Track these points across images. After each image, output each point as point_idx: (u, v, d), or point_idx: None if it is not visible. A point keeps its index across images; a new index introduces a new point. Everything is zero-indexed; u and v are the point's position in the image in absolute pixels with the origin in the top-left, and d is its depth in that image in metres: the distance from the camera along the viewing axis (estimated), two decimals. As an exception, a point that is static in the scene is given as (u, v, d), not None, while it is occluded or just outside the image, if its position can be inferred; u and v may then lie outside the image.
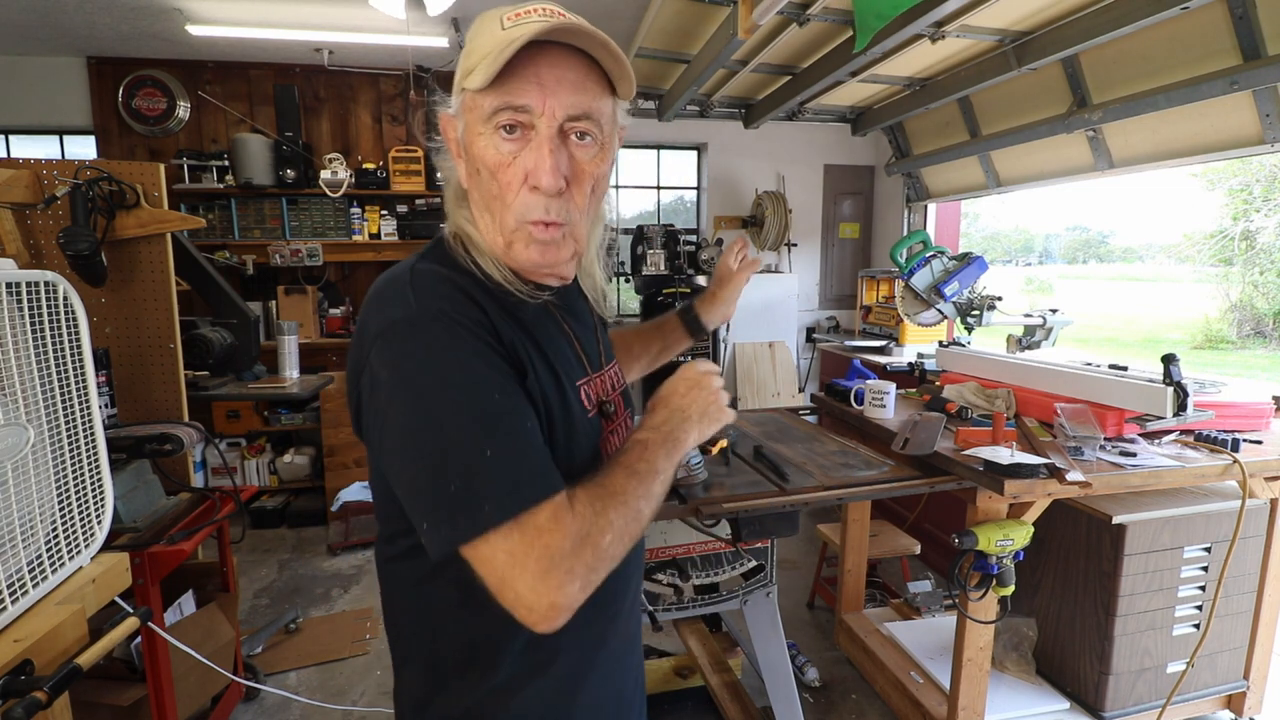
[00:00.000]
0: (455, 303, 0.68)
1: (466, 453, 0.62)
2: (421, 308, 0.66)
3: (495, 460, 0.62)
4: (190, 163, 4.24)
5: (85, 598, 1.26)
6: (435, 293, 0.68)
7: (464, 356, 0.65)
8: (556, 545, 0.61)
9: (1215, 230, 13.06)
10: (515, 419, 0.65)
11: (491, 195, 0.72)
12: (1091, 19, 2.65)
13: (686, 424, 0.78)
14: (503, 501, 0.61)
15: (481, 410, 0.64)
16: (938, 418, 2.09)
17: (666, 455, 0.74)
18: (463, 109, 0.72)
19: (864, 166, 5.31)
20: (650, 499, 0.70)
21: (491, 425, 0.63)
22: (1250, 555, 2.10)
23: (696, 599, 1.84)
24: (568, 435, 0.75)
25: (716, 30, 3.10)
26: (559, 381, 0.75)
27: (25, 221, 2.08)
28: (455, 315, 0.66)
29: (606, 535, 0.64)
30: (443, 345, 0.65)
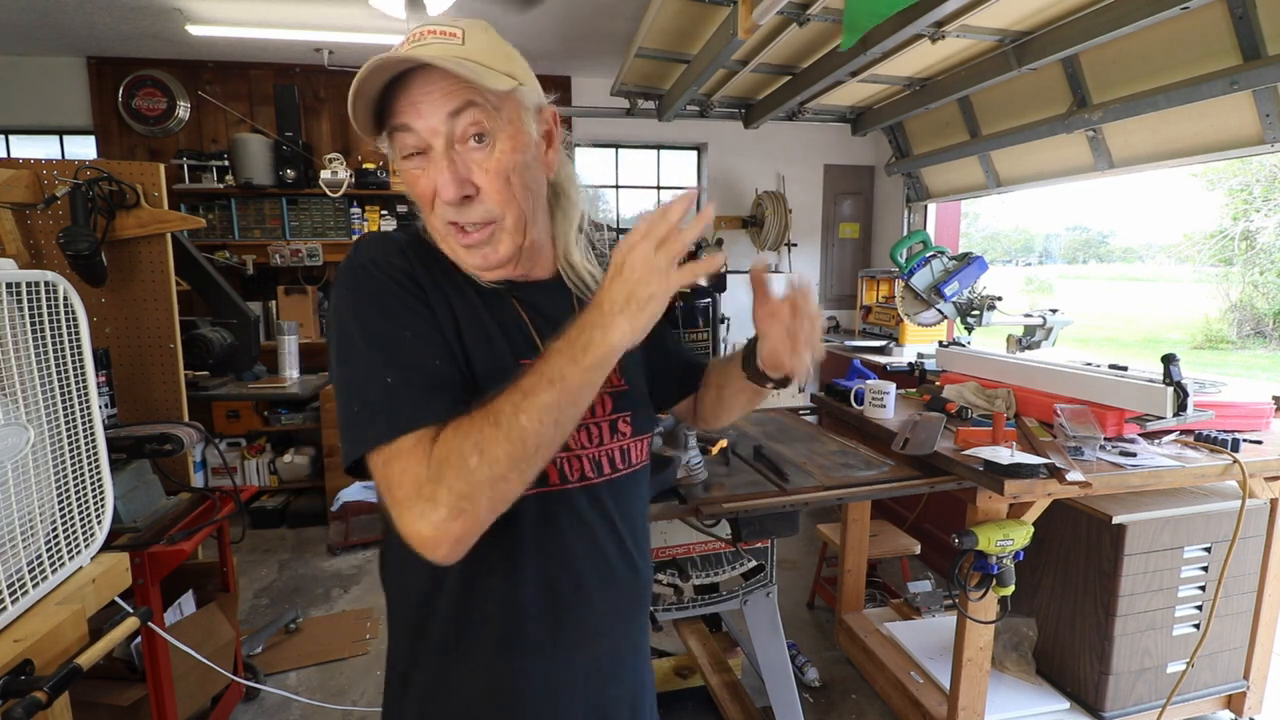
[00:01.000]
0: (385, 253, 0.75)
1: (369, 380, 0.69)
2: (354, 258, 0.75)
3: (395, 388, 0.68)
4: (190, 163, 4.24)
5: (85, 598, 1.26)
6: (372, 247, 0.77)
7: (378, 296, 0.72)
8: (414, 472, 0.64)
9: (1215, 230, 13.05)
10: (423, 353, 0.71)
11: (426, 213, 0.80)
12: (1091, 19, 2.65)
13: (604, 319, 0.66)
14: (393, 420, 0.67)
15: (386, 341, 0.70)
16: (938, 418, 2.09)
17: (570, 361, 0.65)
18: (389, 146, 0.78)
19: (864, 166, 5.31)
20: (534, 410, 0.64)
21: (395, 353, 0.70)
22: (1250, 555, 2.10)
23: (696, 599, 1.84)
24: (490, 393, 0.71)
25: (716, 30, 3.09)
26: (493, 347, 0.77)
27: (25, 221, 2.08)
28: (380, 262, 0.74)
29: (471, 457, 0.63)
30: (362, 288, 0.73)
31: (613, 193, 5.33)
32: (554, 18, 3.66)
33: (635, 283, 0.65)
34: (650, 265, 0.65)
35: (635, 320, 0.65)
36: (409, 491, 0.64)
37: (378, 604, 3.12)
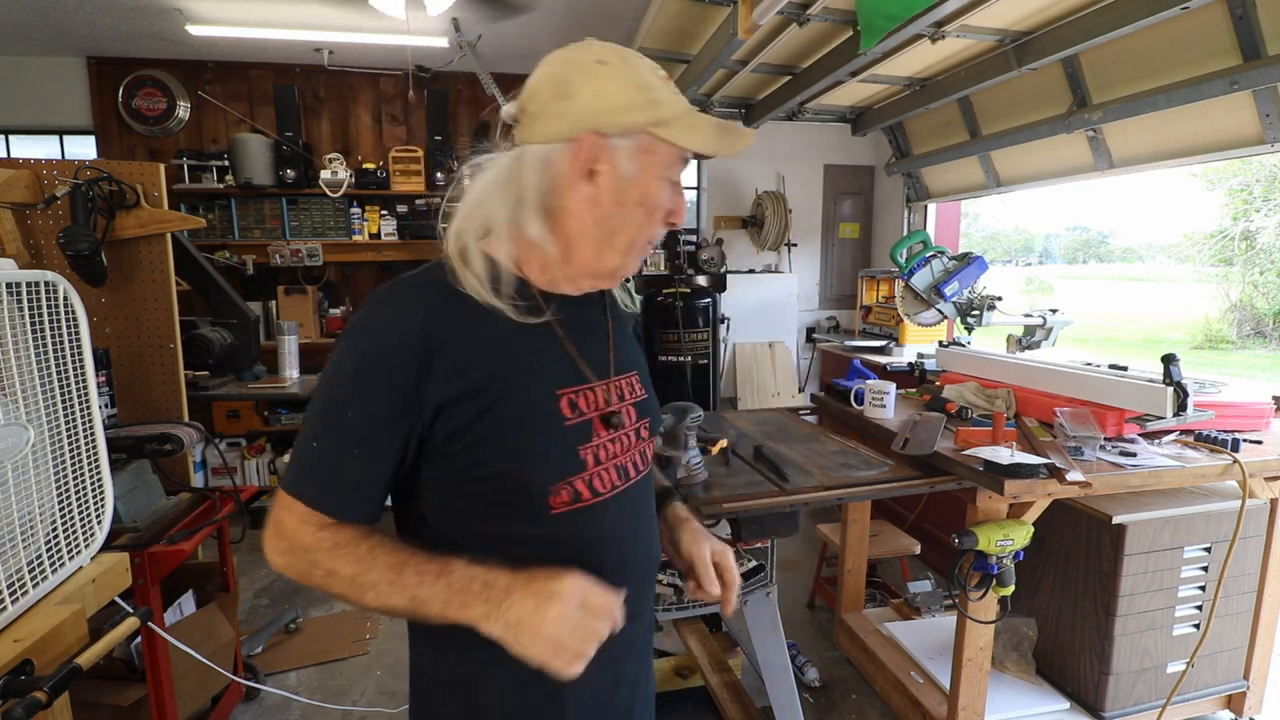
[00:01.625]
0: (389, 329, 0.76)
1: (307, 433, 0.77)
2: (362, 318, 0.78)
3: (314, 452, 0.76)
4: (190, 163, 4.24)
5: (85, 598, 1.26)
6: (382, 316, 0.77)
7: (356, 372, 0.76)
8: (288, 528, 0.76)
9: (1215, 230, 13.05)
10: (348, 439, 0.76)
11: (634, 226, 0.81)
12: (1091, 19, 2.65)
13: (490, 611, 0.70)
14: (295, 478, 0.76)
15: (331, 417, 0.76)
16: (938, 418, 2.10)
17: (442, 604, 0.72)
18: (639, 150, 0.78)
19: (864, 166, 5.30)
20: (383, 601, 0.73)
21: (329, 430, 0.76)
22: (1250, 555, 2.10)
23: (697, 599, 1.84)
24: (528, 435, 0.78)
25: (716, 30, 3.09)
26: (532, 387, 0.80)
27: (25, 221, 2.08)
28: (373, 334, 0.76)
29: (316, 570, 0.75)
30: (348, 355, 0.77)
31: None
32: (554, 18, 3.67)
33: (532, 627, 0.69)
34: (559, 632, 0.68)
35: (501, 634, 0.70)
36: (276, 533, 0.77)
37: (378, 604, 3.12)
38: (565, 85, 0.76)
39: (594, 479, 0.82)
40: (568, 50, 0.79)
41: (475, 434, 0.76)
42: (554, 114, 0.76)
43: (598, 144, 0.76)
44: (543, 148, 0.77)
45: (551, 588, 0.70)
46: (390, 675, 2.59)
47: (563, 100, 0.76)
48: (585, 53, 0.78)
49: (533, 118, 0.78)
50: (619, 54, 0.78)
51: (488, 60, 4.11)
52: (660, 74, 0.80)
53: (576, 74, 0.77)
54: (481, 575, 0.73)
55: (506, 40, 4.00)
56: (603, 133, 0.76)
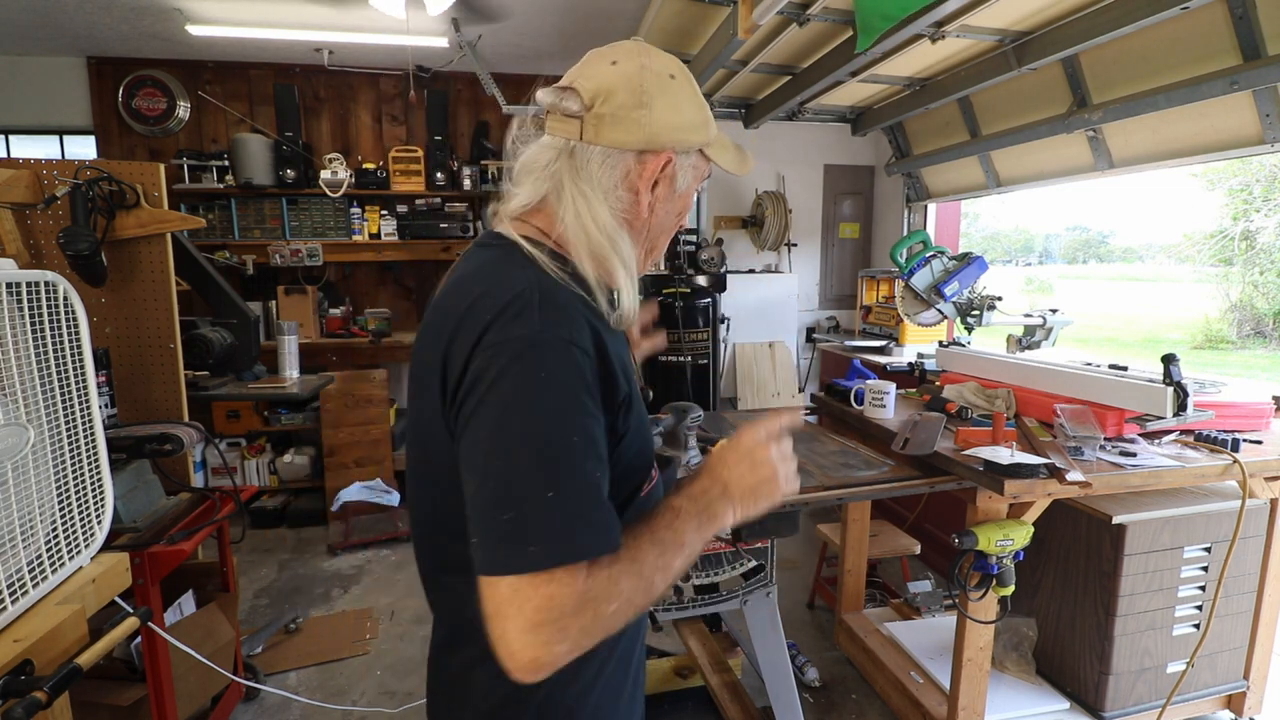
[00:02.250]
0: (577, 330, 0.69)
1: (532, 488, 0.62)
2: (547, 329, 0.67)
3: (559, 501, 0.63)
4: (190, 163, 4.24)
5: (85, 598, 1.26)
6: (560, 315, 0.69)
7: (566, 391, 0.66)
8: (560, 602, 0.61)
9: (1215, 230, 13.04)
10: (589, 468, 0.65)
11: (669, 230, 0.87)
12: (1091, 19, 2.65)
13: (726, 500, 0.75)
14: (549, 549, 0.61)
15: (561, 451, 0.64)
16: (938, 418, 2.09)
17: (697, 529, 0.73)
18: (695, 165, 0.84)
19: (864, 166, 5.30)
20: (667, 572, 0.69)
21: (565, 469, 0.64)
22: (1250, 555, 2.10)
23: (696, 599, 1.84)
24: (645, 428, 0.81)
25: (716, 30, 3.09)
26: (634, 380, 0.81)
27: (25, 221, 2.08)
28: (577, 344, 0.68)
29: (613, 604, 0.64)
30: (551, 375, 0.65)
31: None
32: (554, 17, 3.66)
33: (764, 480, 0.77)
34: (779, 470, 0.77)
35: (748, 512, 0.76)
36: (545, 619, 0.60)
37: (378, 604, 3.12)
38: (644, 95, 0.77)
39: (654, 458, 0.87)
40: (637, 54, 0.79)
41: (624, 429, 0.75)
42: (632, 121, 0.76)
43: (672, 159, 0.80)
44: (616, 151, 0.77)
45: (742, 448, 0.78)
46: (390, 675, 2.59)
47: (641, 110, 0.77)
48: (657, 60, 0.79)
49: (605, 120, 0.76)
50: (681, 69, 0.82)
51: (488, 60, 4.10)
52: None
53: (653, 85, 0.77)
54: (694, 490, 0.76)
55: (506, 40, 4.00)
56: (678, 150, 0.80)
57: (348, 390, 4.02)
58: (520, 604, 0.60)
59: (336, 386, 3.94)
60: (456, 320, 0.70)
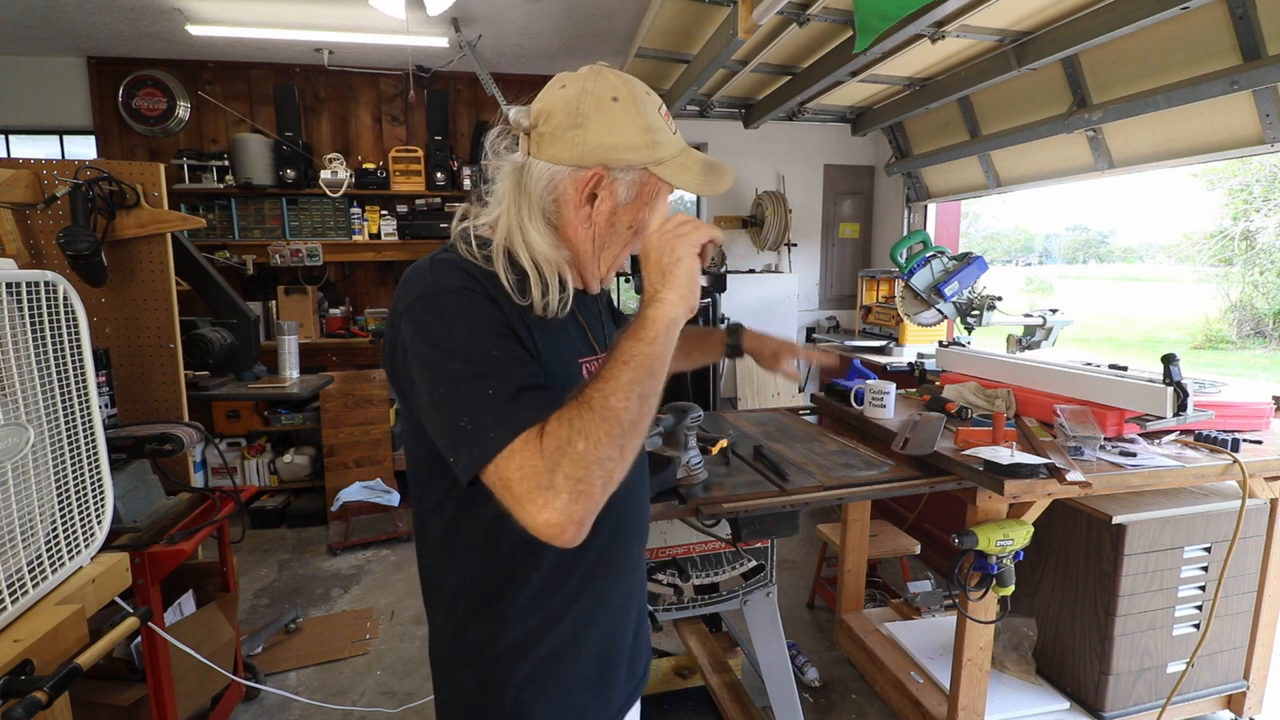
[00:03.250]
0: (461, 280, 0.80)
1: (472, 394, 0.74)
2: (438, 284, 0.80)
3: (496, 398, 0.74)
4: (190, 163, 4.24)
5: (85, 598, 1.26)
6: (450, 274, 0.81)
7: (469, 318, 0.78)
8: (530, 465, 0.70)
9: (1215, 230, 13.05)
10: (513, 371, 0.76)
11: (620, 243, 0.92)
12: (1091, 19, 2.65)
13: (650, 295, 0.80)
14: (502, 430, 0.72)
15: (485, 364, 0.75)
16: (938, 418, 2.09)
17: (636, 338, 0.76)
18: (637, 182, 0.88)
19: (864, 166, 5.30)
20: (621, 391, 0.73)
21: (494, 374, 0.75)
22: (1250, 555, 2.10)
23: (696, 599, 1.84)
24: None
25: (716, 30, 3.09)
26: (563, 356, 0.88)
27: (25, 221, 2.08)
28: (459, 289, 0.79)
29: (578, 443, 0.70)
30: (453, 312, 0.78)
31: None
32: (554, 18, 3.66)
33: (660, 253, 0.80)
34: (664, 236, 0.80)
35: (676, 287, 0.79)
36: (530, 484, 0.69)
37: (378, 604, 3.12)
38: (579, 116, 0.83)
39: None
40: (584, 78, 0.85)
41: None
42: (566, 140, 0.84)
43: (602, 175, 0.85)
44: (551, 168, 0.85)
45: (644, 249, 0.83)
46: (390, 675, 2.59)
47: (575, 130, 0.83)
48: (600, 84, 0.85)
49: (544, 138, 0.85)
50: (630, 92, 0.85)
51: (487, 60, 4.11)
52: (663, 111, 0.89)
53: (591, 107, 0.83)
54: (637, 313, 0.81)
55: (507, 40, 4.00)
56: (609, 167, 0.85)
57: (348, 390, 4.02)
58: (506, 484, 0.71)
59: (336, 386, 3.94)
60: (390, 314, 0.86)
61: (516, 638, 0.88)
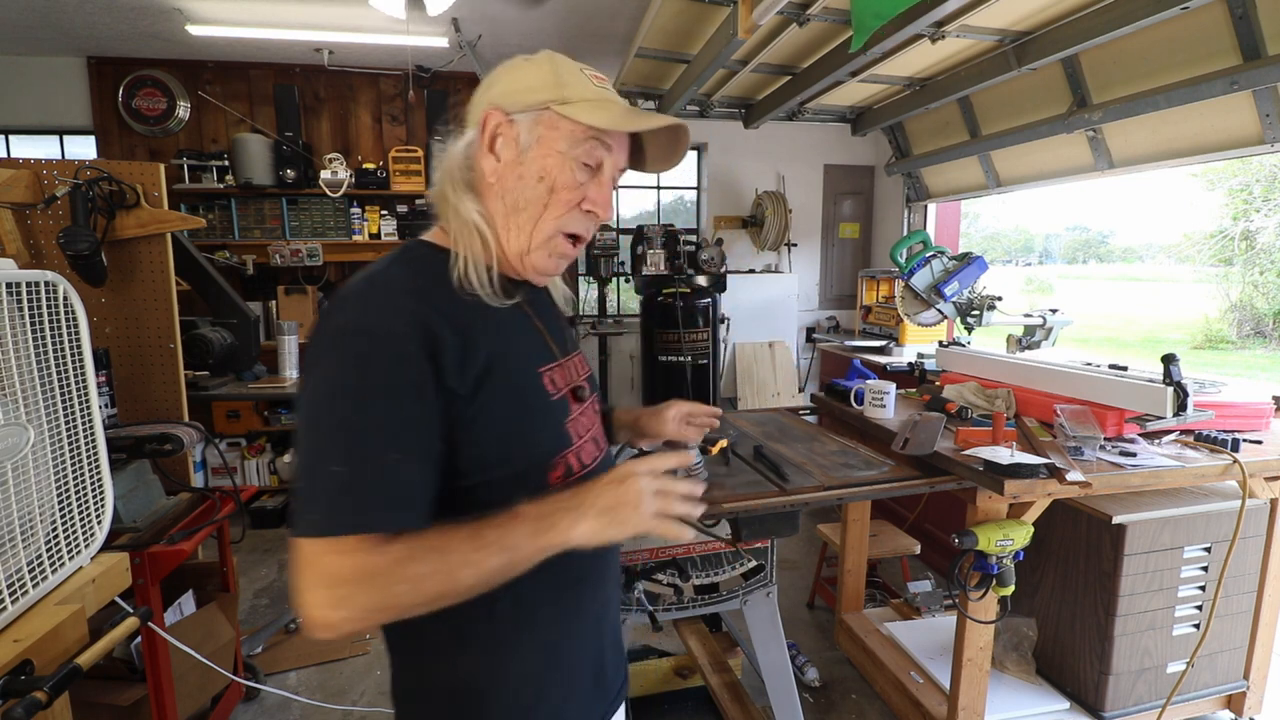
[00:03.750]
0: (384, 319, 0.72)
1: (320, 462, 0.68)
2: (356, 319, 0.72)
3: (342, 476, 0.67)
4: (190, 163, 4.24)
5: (85, 598, 1.26)
6: (378, 304, 0.74)
7: (370, 375, 0.70)
8: (337, 570, 0.65)
9: (1215, 230, 13.05)
10: (384, 448, 0.69)
11: (537, 203, 0.83)
12: (1091, 19, 2.65)
13: (575, 513, 0.72)
14: (329, 515, 0.66)
15: (355, 430, 0.68)
16: (938, 418, 2.09)
17: (531, 536, 0.70)
18: (539, 124, 0.81)
19: (864, 166, 5.31)
20: (479, 569, 0.68)
21: (356, 446, 0.68)
22: (1250, 555, 2.10)
23: (696, 599, 1.84)
24: (527, 415, 0.81)
25: (716, 30, 3.09)
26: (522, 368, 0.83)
27: (25, 221, 2.08)
28: (374, 331, 0.71)
29: (401, 585, 0.66)
30: (348, 363, 0.70)
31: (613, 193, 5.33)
32: (554, 18, 3.66)
33: (624, 504, 0.72)
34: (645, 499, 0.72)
35: (601, 532, 0.71)
36: (325, 584, 0.65)
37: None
38: (490, 80, 0.84)
39: (580, 452, 0.87)
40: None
41: (484, 417, 0.76)
42: (475, 104, 0.84)
43: (497, 118, 0.81)
44: (465, 135, 0.84)
45: (620, 473, 0.74)
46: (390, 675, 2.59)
47: (484, 91, 0.83)
48: (519, 57, 0.84)
49: (465, 118, 0.86)
50: (550, 56, 0.84)
51: (487, 60, 4.10)
52: (590, 73, 0.84)
53: (502, 69, 0.84)
54: (549, 501, 0.73)
55: (506, 40, 4.00)
56: (504, 109, 0.81)
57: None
58: (304, 565, 0.66)
59: (336, 386, 3.94)
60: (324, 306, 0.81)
61: (490, 665, 0.83)
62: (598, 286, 4.91)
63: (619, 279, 5.17)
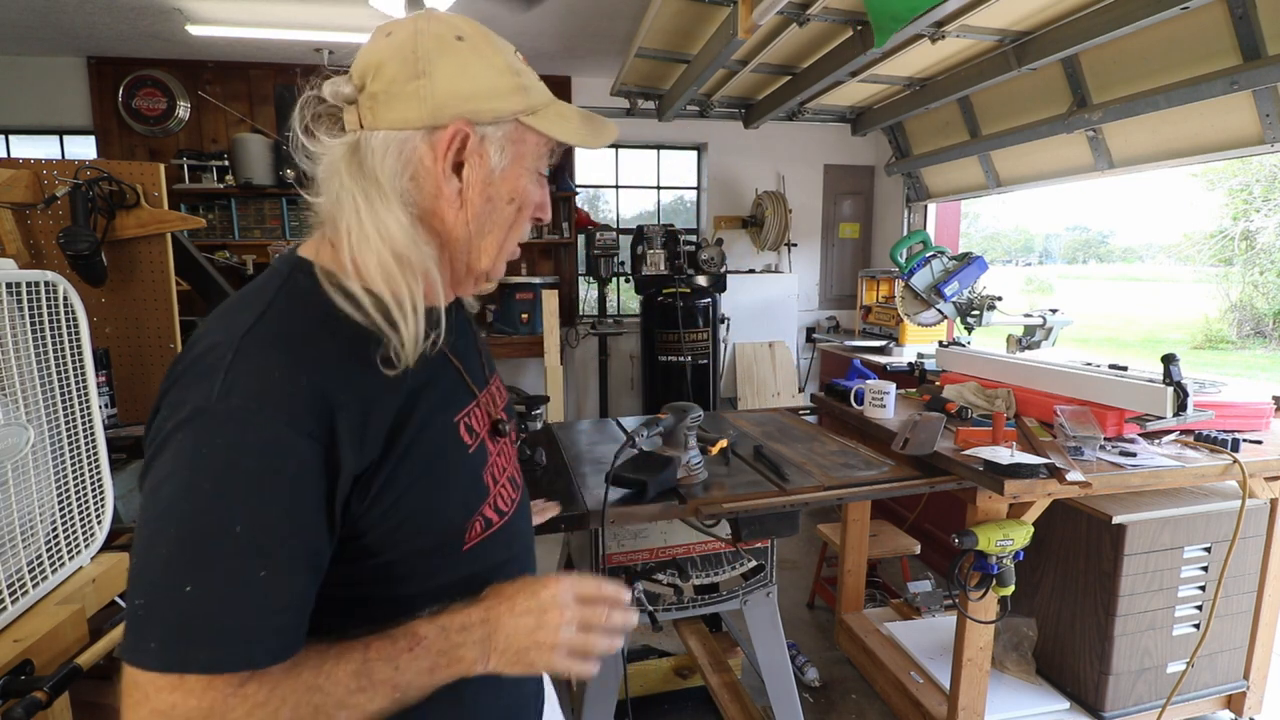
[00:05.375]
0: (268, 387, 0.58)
1: (166, 577, 0.54)
2: (219, 393, 0.57)
3: (192, 598, 0.53)
4: (190, 163, 4.24)
5: (85, 598, 1.26)
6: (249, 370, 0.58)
7: (236, 473, 0.56)
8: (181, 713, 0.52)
9: (1215, 230, 13.05)
10: (248, 566, 0.55)
11: (505, 225, 0.73)
12: (1091, 19, 2.65)
13: (482, 647, 0.64)
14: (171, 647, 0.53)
15: (210, 542, 0.54)
16: (938, 418, 2.09)
17: (430, 670, 0.62)
18: (512, 140, 0.70)
19: (864, 166, 5.31)
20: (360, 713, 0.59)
21: (211, 563, 0.54)
22: (1250, 555, 2.10)
23: (696, 599, 1.84)
24: (442, 480, 0.69)
25: (716, 30, 3.09)
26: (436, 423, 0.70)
27: (25, 221, 2.08)
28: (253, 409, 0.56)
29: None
30: (217, 452, 0.55)
31: (612, 193, 5.33)
32: (554, 18, 3.66)
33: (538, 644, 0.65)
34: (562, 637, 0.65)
35: (506, 670, 0.65)
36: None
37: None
38: (419, 62, 0.65)
39: (497, 500, 0.76)
40: (414, 20, 0.67)
41: (390, 494, 0.64)
42: (408, 95, 0.65)
43: (466, 133, 0.67)
44: (396, 134, 0.65)
45: (543, 600, 0.66)
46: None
47: (419, 80, 0.65)
48: (437, 24, 0.67)
49: (378, 99, 0.65)
50: (476, 28, 0.69)
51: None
52: (519, 55, 0.73)
53: (434, 49, 0.65)
54: (455, 622, 0.64)
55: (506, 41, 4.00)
56: (473, 120, 0.67)
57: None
58: (137, 701, 0.53)
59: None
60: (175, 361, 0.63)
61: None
62: (598, 286, 4.91)
63: (619, 279, 5.17)
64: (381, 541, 0.65)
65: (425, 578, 0.69)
